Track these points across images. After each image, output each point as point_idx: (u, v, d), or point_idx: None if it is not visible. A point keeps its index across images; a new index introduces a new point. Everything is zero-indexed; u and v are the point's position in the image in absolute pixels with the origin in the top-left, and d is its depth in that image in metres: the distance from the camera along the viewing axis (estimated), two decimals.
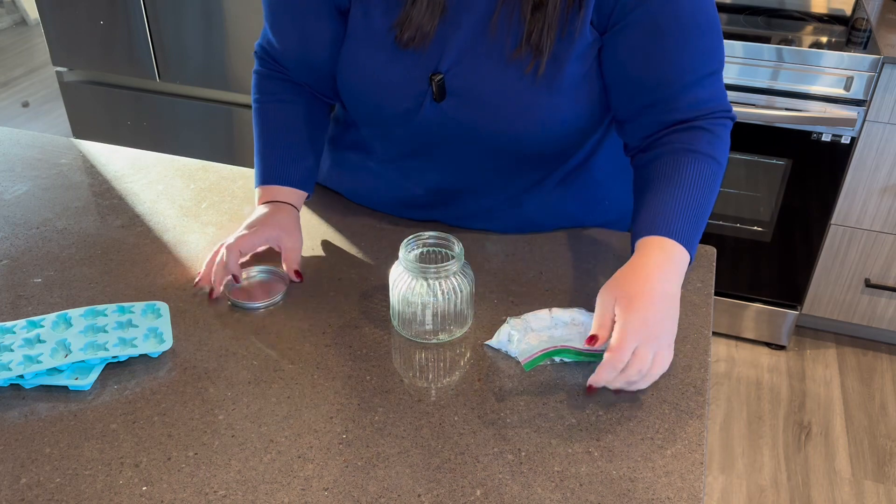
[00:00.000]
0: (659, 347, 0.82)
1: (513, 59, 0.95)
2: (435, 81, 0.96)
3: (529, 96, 0.95)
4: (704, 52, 0.95)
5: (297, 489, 0.73)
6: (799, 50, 1.87)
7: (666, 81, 0.95)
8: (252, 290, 0.98)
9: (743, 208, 2.13)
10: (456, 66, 0.96)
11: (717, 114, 0.98)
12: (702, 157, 0.95)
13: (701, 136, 0.96)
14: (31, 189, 1.20)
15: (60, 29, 2.26)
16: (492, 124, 0.98)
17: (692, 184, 0.94)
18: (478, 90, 0.96)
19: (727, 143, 0.98)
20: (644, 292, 0.84)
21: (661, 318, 0.84)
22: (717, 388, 2.19)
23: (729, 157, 2.03)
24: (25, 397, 0.83)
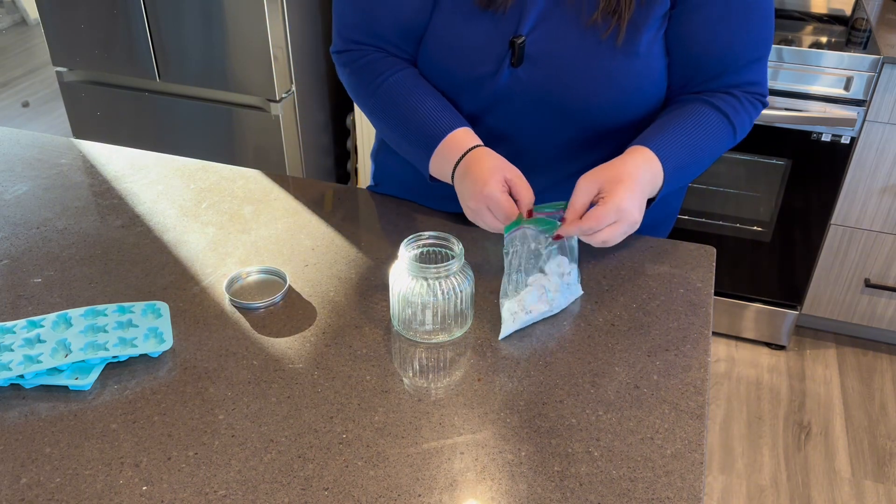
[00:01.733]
0: (630, 230, 0.90)
1: (590, 25, 0.96)
2: (517, 44, 0.97)
3: (606, 61, 0.98)
4: (760, 38, 1.00)
5: (297, 489, 0.73)
6: (799, 50, 1.87)
7: (721, 60, 1.00)
8: (252, 290, 0.98)
9: (743, 208, 2.13)
10: (534, 30, 0.98)
11: (754, 94, 1.03)
12: (720, 114, 1.00)
13: (728, 99, 1.01)
14: (31, 189, 1.20)
15: (60, 29, 2.26)
16: (566, 91, 0.99)
17: (700, 128, 0.99)
18: (555, 55, 0.98)
19: (751, 118, 1.03)
20: (633, 179, 0.90)
21: (639, 206, 0.90)
22: (717, 388, 2.18)
23: (729, 157, 2.03)
24: (25, 397, 0.83)
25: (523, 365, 0.87)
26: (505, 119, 1.04)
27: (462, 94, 1.04)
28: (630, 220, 0.89)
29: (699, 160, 1.00)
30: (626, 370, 0.87)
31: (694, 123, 0.99)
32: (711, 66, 1.01)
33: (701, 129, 0.99)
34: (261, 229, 1.10)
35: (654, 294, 0.98)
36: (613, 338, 0.91)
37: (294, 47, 2.17)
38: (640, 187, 0.91)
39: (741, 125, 1.02)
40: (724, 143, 1.02)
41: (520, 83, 1.00)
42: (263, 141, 2.26)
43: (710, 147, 1.00)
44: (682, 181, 1.00)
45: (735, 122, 1.01)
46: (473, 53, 1.00)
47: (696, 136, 0.98)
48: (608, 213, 0.88)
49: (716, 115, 1.00)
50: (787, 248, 2.14)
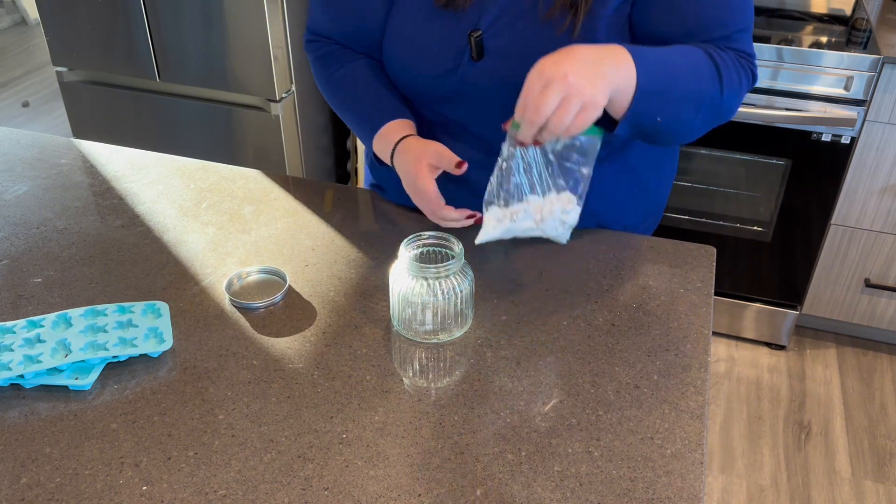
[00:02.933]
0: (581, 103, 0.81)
1: (547, 18, 0.96)
2: (473, 38, 0.98)
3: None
4: (734, 8, 0.96)
5: (297, 489, 0.73)
6: (799, 50, 1.87)
7: (712, 28, 0.95)
8: (252, 290, 0.98)
9: (743, 208, 2.13)
10: (494, 25, 0.99)
11: (743, 60, 0.97)
12: (706, 55, 0.93)
13: (717, 50, 0.94)
14: (31, 189, 1.20)
15: (60, 29, 2.26)
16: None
17: (682, 52, 0.92)
18: (513, 48, 0.98)
19: (739, 79, 0.95)
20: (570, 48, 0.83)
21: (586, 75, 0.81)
22: (717, 388, 2.18)
23: (729, 157, 2.03)
24: (25, 397, 0.83)
25: (523, 365, 0.87)
26: (468, 111, 1.06)
27: (425, 89, 1.06)
28: (557, 80, 0.80)
29: (678, 83, 0.91)
30: (626, 370, 0.87)
31: (678, 49, 0.92)
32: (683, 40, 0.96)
33: (684, 56, 0.92)
34: (261, 229, 1.10)
35: (654, 294, 0.98)
36: (613, 338, 0.91)
37: (294, 47, 2.17)
38: (580, 54, 0.82)
39: (728, 78, 0.94)
40: (707, 85, 0.93)
41: (480, 77, 1.01)
42: (263, 141, 2.26)
43: (691, 76, 0.91)
44: (658, 97, 0.89)
45: (721, 69, 0.93)
46: (434, 50, 1.02)
47: (677, 58, 0.91)
48: (530, 80, 0.82)
49: (702, 53, 0.93)
50: (787, 248, 2.14)
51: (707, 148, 2.06)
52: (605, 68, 0.84)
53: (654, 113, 0.91)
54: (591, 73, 0.82)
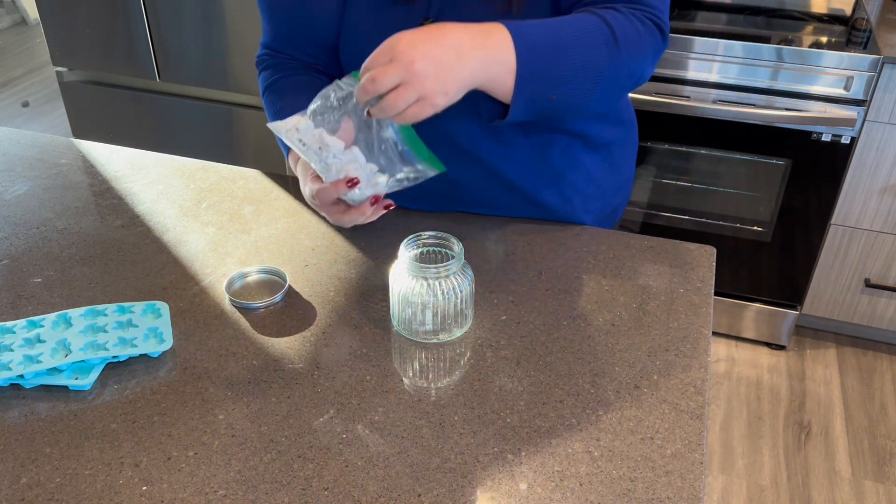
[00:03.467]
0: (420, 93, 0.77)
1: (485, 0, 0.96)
2: (424, 25, 0.98)
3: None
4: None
5: (297, 489, 0.73)
6: (799, 50, 1.87)
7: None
8: (252, 290, 0.98)
9: (743, 208, 2.13)
10: (442, 11, 0.99)
11: (645, 10, 0.92)
12: (594, 16, 0.88)
13: (610, 11, 0.90)
14: (31, 189, 1.20)
15: (60, 29, 2.26)
16: None
17: (567, 21, 0.87)
18: None
19: (641, 36, 0.90)
20: (432, 29, 0.78)
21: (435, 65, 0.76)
22: (717, 388, 2.18)
23: (729, 157, 2.03)
24: (25, 397, 0.83)
25: (523, 365, 0.87)
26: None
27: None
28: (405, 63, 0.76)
29: (566, 55, 0.85)
30: (626, 370, 0.87)
31: (563, 19, 0.88)
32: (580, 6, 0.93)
33: (569, 23, 0.87)
34: (261, 229, 1.10)
35: (654, 294, 0.98)
36: (613, 338, 0.91)
37: None
38: (438, 38, 0.78)
39: (627, 40, 0.89)
40: (603, 50, 0.88)
41: None
42: (263, 141, 2.26)
43: (582, 45, 0.86)
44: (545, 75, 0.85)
45: (616, 31, 0.88)
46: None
47: (562, 29, 0.86)
48: (382, 47, 0.77)
49: (592, 17, 0.89)
50: (787, 248, 2.14)
51: (707, 148, 2.06)
52: (466, 63, 0.79)
53: (546, 92, 0.86)
54: (443, 68, 0.78)
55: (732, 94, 1.94)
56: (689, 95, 1.97)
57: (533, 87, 0.85)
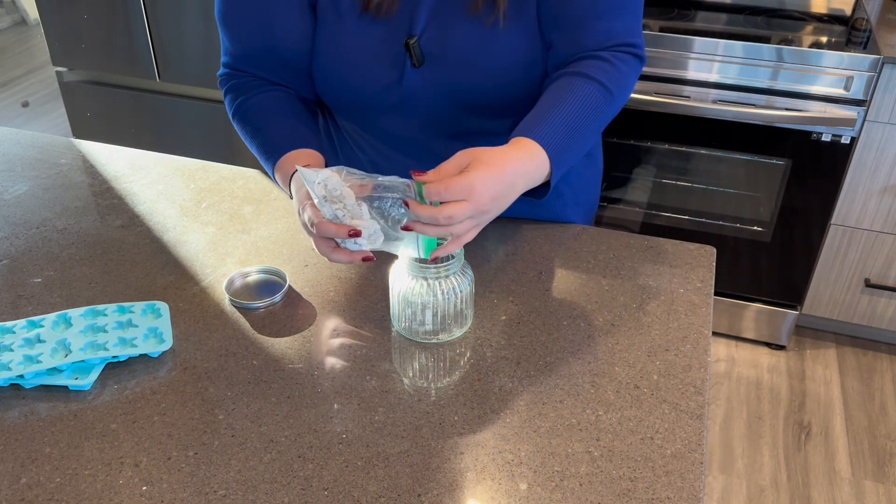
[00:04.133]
0: (480, 225, 0.84)
1: (473, 13, 0.97)
2: (410, 45, 0.97)
3: (499, 46, 0.98)
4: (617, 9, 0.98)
5: (297, 489, 0.73)
6: (799, 50, 1.87)
7: (573, 14, 0.97)
8: (252, 290, 0.98)
9: (743, 208, 2.13)
10: (427, 28, 0.98)
11: (623, 47, 1.00)
12: (592, 83, 0.96)
13: (599, 64, 0.97)
14: (31, 189, 1.20)
15: (60, 29, 2.26)
16: (470, 80, 1.00)
17: (576, 102, 0.95)
18: (451, 49, 0.98)
19: (627, 77, 0.99)
20: (501, 170, 0.84)
21: (500, 204, 0.85)
22: (717, 388, 2.19)
23: (729, 157, 2.03)
24: (25, 397, 0.83)
25: (523, 365, 0.87)
26: (413, 121, 1.05)
27: (368, 103, 1.03)
28: (479, 205, 0.82)
29: (583, 136, 0.96)
30: (626, 370, 0.87)
31: (572, 100, 0.95)
32: (571, 13, 0.98)
33: (579, 104, 0.95)
34: (261, 229, 1.10)
35: (654, 294, 0.98)
36: (613, 338, 0.91)
37: None
38: (506, 180, 0.85)
39: (619, 88, 0.98)
40: (605, 110, 0.98)
41: (426, 82, 1.01)
42: None
43: (592, 119, 0.96)
44: (570, 160, 0.95)
45: (611, 87, 0.97)
46: (372, 63, 1.00)
47: (575, 113, 0.94)
48: (459, 185, 0.81)
49: (590, 85, 0.96)
50: (787, 248, 2.14)
51: (707, 148, 2.06)
52: (517, 189, 0.88)
53: (567, 165, 0.95)
54: (503, 203, 0.86)
55: (732, 94, 1.94)
56: (689, 95, 1.97)
57: (560, 172, 0.94)
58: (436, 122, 1.05)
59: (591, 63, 0.98)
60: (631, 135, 2.09)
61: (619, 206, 2.23)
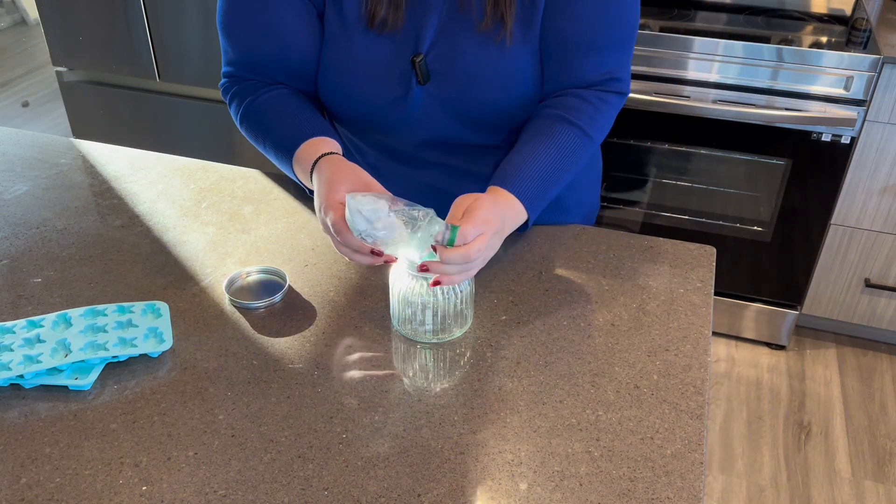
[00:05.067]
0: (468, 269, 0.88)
1: (482, 31, 0.97)
2: (416, 62, 0.97)
3: (507, 64, 0.98)
4: (613, 20, 0.99)
5: (297, 489, 0.73)
6: (799, 50, 1.87)
7: (572, 41, 0.99)
8: (252, 290, 0.98)
9: (743, 208, 2.13)
10: (434, 46, 0.98)
11: (611, 83, 1.02)
12: (574, 129, 0.99)
13: (584, 107, 1.01)
14: (31, 189, 1.20)
15: (60, 29, 2.26)
16: (476, 98, 1.00)
17: (556, 150, 0.99)
18: (459, 67, 0.98)
19: (608, 118, 1.04)
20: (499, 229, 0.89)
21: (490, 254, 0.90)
22: (717, 388, 2.19)
23: (729, 157, 2.03)
24: (25, 397, 0.83)
25: (523, 365, 0.87)
26: (419, 136, 1.05)
27: (374, 118, 1.04)
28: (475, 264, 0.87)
29: (559, 181, 1.00)
30: (626, 370, 0.87)
31: (552, 148, 0.99)
32: (564, 44, 1.00)
33: (558, 152, 0.99)
34: (261, 229, 1.10)
35: (654, 294, 0.98)
36: (613, 338, 0.91)
37: None
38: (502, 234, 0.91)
39: (599, 131, 1.03)
40: (582, 155, 1.02)
41: (431, 99, 1.01)
42: None
43: (568, 164, 1.00)
44: (544, 204, 1.00)
45: (592, 133, 1.01)
46: (379, 78, 1.00)
47: (554, 162, 0.98)
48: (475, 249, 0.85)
49: (572, 131, 1.00)
50: (787, 248, 2.14)
51: (707, 148, 2.06)
52: (503, 238, 0.92)
53: (541, 207, 0.99)
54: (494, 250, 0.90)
55: (732, 94, 1.94)
56: (689, 95, 1.97)
57: (536, 214, 0.98)
58: (437, 136, 1.05)
59: (577, 105, 1.01)
60: (631, 135, 2.09)
61: (619, 206, 2.23)
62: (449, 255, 0.83)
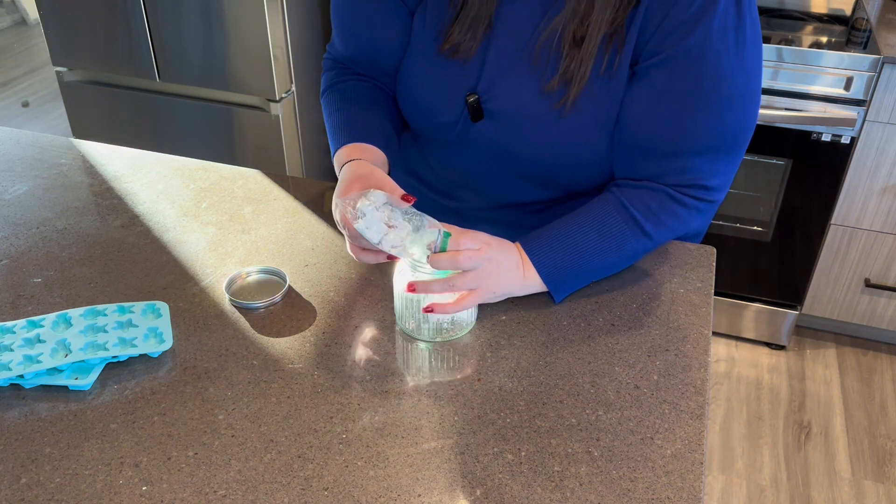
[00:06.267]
0: (483, 300, 0.89)
1: (546, 91, 0.94)
2: (469, 102, 0.97)
3: (562, 129, 0.95)
4: (702, 128, 0.90)
5: (297, 489, 0.73)
6: (799, 50, 1.87)
7: (648, 143, 0.92)
8: (252, 290, 0.98)
9: (743, 208, 2.13)
10: (492, 88, 0.96)
11: (690, 190, 0.93)
12: (624, 215, 0.93)
13: (648, 199, 0.93)
14: (31, 189, 1.20)
15: (60, 29, 2.26)
16: (525, 150, 0.98)
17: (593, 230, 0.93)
18: (512, 116, 0.97)
19: (680, 220, 0.94)
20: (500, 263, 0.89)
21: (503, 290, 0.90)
22: (717, 388, 2.19)
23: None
24: (25, 397, 0.83)
25: (523, 365, 0.87)
26: (470, 162, 1.06)
27: (432, 133, 1.06)
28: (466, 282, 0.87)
29: (587, 260, 0.93)
30: (626, 370, 0.87)
31: (591, 223, 0.93)
32: (650, 139, 0.92)
33: (594, 232, 0.93)
34: (261, 229, 1.10)
35: (654, 294, 0.98)
36: (613, 338, 0.91)
37: (294, 47, 2.17)
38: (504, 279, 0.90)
39: (660, 228, 0.94)
40: (628, 244, 0.94)
41: (480, 136, 1.00)
42: (263, 141, 2.26)
43: (607, 248, 0.93)
44: (574, 281, 0.95)
45: (647, 226, 0.93)
46: (436, 101, 1.01)
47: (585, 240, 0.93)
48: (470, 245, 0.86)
49: (620, 217, 0.93)
50: (787, 248, 2.14)
51: None
52: (516, 282, 0.92)
53: (579, 285, 0.96)
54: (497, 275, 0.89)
55: None
56: None
57: (564, 288, 0.95)
58: (489, 170, 1.05)
59: (641, 196, 0.93)
60: None
61: None
62: (438, 260, 0.84)
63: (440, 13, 0.98)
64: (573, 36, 0.90)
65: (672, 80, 0.89)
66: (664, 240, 0.96)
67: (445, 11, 0.97)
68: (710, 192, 0.94)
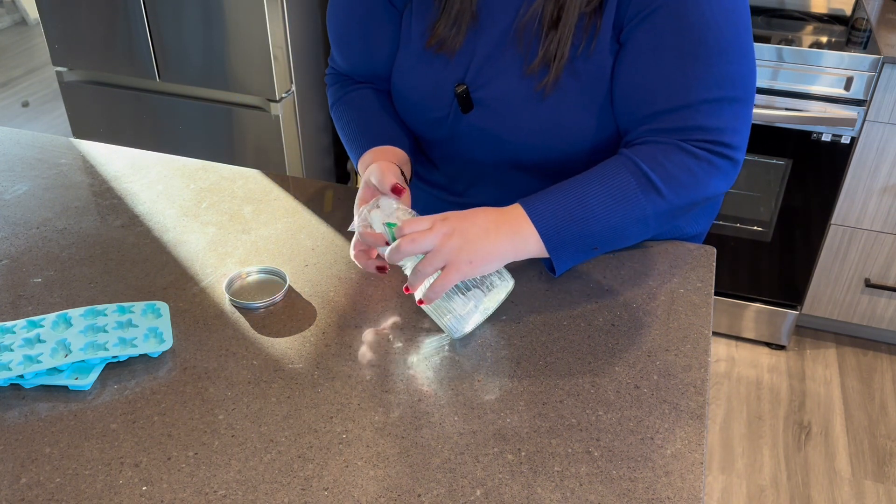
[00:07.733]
0: (464, 274, 0.84)
1: (528, 74, 0.95)
2: (458, 93, 0.97)
3: (545, 111, 0.96)
4: (704, 76, 0.89)
5: (297, 489, 0.73)
6: (799, 50, 1.87)
7: (670, 95, 0.90)
8: (252, 290, 0.98)
9: (743, 208, 2.13)
10: (479, 76, 0.98)
11: (692, 133, 0.90)
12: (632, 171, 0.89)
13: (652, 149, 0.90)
14: (31, 189, 1.20)
15: (60, 29, 2.26)
16: (516, 135, 0.99)
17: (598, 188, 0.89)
18: (500, 103, 0.98)
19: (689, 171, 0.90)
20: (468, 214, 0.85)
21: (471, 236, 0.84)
22: (717, 388, 2.19)
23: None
24: (25, 397, 0.83)
25: (523, 365, 0.87)
26: (467, 154, 1.07)
27: (426, 131, 1.08)
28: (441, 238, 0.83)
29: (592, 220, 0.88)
30: (626, 370, 0.87)
31: (591, 183, 0.89)
32: (659, 98, 0.91)
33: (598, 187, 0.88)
34: (261, 229, 1.10)
35: (654, 294, 0.98)
36: (613, 338, 0.91)
37: (294, 47, 2.17)
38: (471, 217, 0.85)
39: (661, 175, 0.89)
40: (636, 205, 0.89)
41: (472, 128, 1.01)
42: (263, 141, 2.26)
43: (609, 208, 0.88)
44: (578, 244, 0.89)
45: (655, 179, 0.88)
46: (428, 97, 1.02)
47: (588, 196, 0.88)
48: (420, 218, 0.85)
49: (626, 173, 0.89)
50: (787, 248, 2.14)
51: None
52: (491, 239, 0.85)
53: (585, 250, 0.90)
54: (470, 241, 0.84)
55: None
56: None
57: (567, 252, 0.90)
58: (485, 168, 1.06)
59: (644, 147, 0.90)
60: None
61: None
62: (391, 254, 0.85)
63: (425, 10, 1.00)
64: (551, 17, 0.92)
65: (655, 35, 0.89)
66: (677, 200, 0.90)
67: (430, 8, 0.99)
68: (720, 146, 0.90)
